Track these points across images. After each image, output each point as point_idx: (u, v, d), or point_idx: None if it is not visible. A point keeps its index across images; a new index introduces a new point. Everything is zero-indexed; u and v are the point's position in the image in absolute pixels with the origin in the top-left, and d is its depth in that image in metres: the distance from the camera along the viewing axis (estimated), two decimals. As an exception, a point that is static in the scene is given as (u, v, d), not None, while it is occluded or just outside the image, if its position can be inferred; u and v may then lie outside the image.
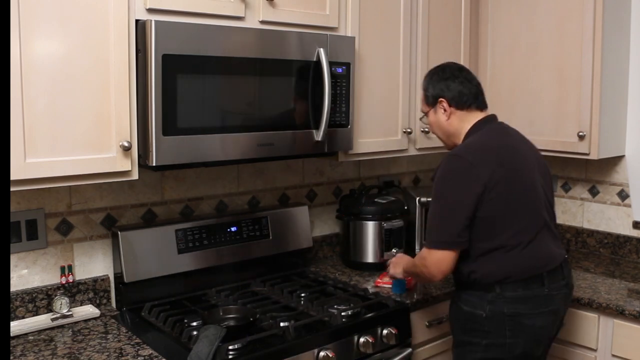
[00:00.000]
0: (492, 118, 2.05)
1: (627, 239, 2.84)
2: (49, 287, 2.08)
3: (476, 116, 2.03)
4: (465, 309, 1.96)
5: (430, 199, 2.78)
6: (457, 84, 2.01)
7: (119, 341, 1.91)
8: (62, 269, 2.11)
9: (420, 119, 2.22)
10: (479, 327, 1.93)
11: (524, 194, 1.93)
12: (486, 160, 1.89)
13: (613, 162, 2.85)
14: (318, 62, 2.16)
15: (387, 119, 2.57)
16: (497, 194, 1.87)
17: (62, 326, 2.02)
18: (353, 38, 2.31)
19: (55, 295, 2.07)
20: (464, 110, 2.02)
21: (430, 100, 2.05)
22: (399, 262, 2.26)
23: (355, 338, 2.05)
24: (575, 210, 3.03)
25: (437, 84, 2.03)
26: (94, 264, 2.19)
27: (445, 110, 2.02)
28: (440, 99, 2.02)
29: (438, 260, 1.90)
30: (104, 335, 1.96)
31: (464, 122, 2.02)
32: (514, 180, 1.92)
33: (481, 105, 2.05)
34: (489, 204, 1.86)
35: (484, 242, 1.90)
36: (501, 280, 1.90)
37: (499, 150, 1.94)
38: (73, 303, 2.11)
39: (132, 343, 1.90)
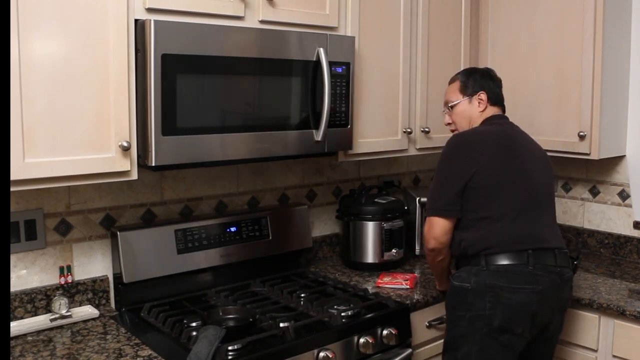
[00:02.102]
0: (504, 116, 2.29)
1: (628, 239, 2.83)
2: (48, 288, 2.08)
3: (493, 111, 2.26)
4: (455, 283, 2.09)
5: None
6: (495, 85, 2.29)
7: (118, 342, 1.91)
8: (61, 269, 2.10)
9: (450, 105, 2.31)
10: (464, 300, 2.04)
11: (516, 174, 2.09)
12: (484, 141, 2.12)
13: (614, 162, 2.85)
14: (318, 62, 2.16)
15: (387, 119, 2.56)
16: (489, 169, 2.06)
17: (61, 327, 2.01)
18: (353, 38, 2.31)
19: (54, 296, 2.07)
20: (494, 106, 2.26)
21: (470, 91, 2.26)
22: None
23: (355, 338, 2.05)
24: (576, 211, 3.03)
25: (479, 80, 2.27)
26: (93, 264, 2.19)
27: (481, 102, 2.24)
28: (481, 92, 2.24)
29: (430, 226, 2.12)
30: (103, 335, 1.95)
31: (487, 115, 2.25)
32: (508, 161, 2.10)
33: (502, 105, 2.31)
34: (480, 176, 2.05)
35: (473, 212, 2.07)
36: (486, 249, 2.04)
37: (499, 135, 2.15)
38: (72, 303, 2.11)
39: (131, 343, 1.89)
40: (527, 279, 2.00)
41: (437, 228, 2.10)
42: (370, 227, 2.63)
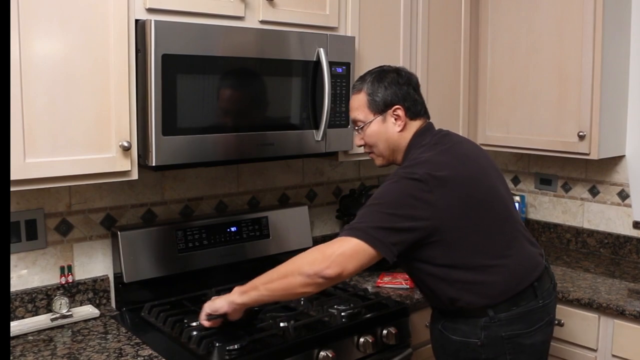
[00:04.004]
0: (431, 126, 1.86)
1: (628, 239, 2.84)
2: (49, 287, 2.08)
3: (416, 126, 1.83)
4: (456, 338, 1.76)
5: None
6: (413, 91, 1.83)
7: (118, 341, 1.91)
8: (62, 269, 2.10)
9: (357, 128, 1.87)
10: (475, 356, 1.75)
11: (491, 207, 1.74)
12: (447, 182, 1.66)
13: (613, 162, 2.85)
14: (318, 62, 2.16)
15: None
16: (461, 214, 1.67)
17: (61, 326, 2.02)
18: (353, 38, 2.31)
19: (55, 296, 2.07)
20: (416, 120, 1.83)
21: (381, 107, 1.80)
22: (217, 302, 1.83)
23: (355, 338, 2.05)
24: (576, 210, 3.03)
25: (390, 88, 1.80)
26: (94, 264, 2.19)
27: (398, 118, 1.80)
28: (396, 107, 1.80)
29: (351, 253, 1.61)
30: (103, 335, 1.96)
31: (410, 134, 1.82)
32: (477, 195, 1.72)
33: (426, 114, 1.88)
34: (453, 225, 1.66)
35: (459, 267, 1.70)
36: (491, 303, 1.72)
37: (457, 167, 1.71)
38: (73, 303, 2.11)
39: (131, 343, 1.89)
40: (541, 315, 1.77)
41: (360, 259, 1.59)
42: (370, 227, 2.63)
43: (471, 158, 1.79)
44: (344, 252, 1.60)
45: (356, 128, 1.88)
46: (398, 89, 1.80)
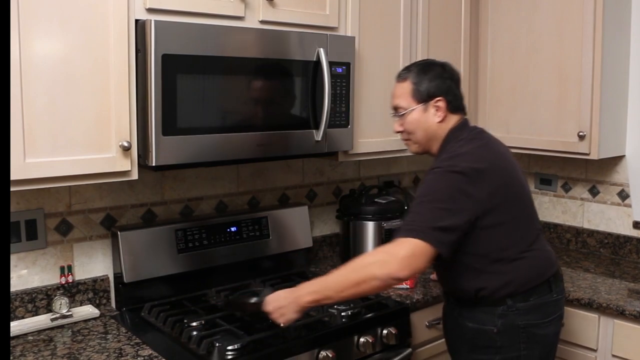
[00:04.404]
0: (467, 122, 1.94)
1: (628, 239, 2.84)
2: (49, 287, 2.08)
3: (454, 121, 1.91)
4: (472, 325, 1.85)
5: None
6: (455, 86, 1.92)
7: (118, 341, 1.91)
8: (62, 269, 2.10)
9: (398, 115, 1.93)
10: (490, 344, 1.82)
11: (522, 201, 1.86)
12: (486, 174, 1.75)
13: (613, 162, 2.85)
14: (318, 62, 2.16)
15: (387, 119, 2.54)
16: (498, 205, 1.76)
17: (61, 326, 2.02)
18: (353, 38, 2.31)
19: (55, 296, 2.07)
20: (454, 114, 1.90)
21: (424, 97, 1.87)
22: (282, 295, 1.82)
23: (355, 338, 2.05)
24: (576, 210, 3.03)
25: (435, 81, 1.88)
26: (94, 264, 2.19)
27: (438, 110, 1.87)
28: (438, 98, 1.87)
29: (414, 254, 1.67)
30: (103, 335, 1.96)
31: (448, 127, 1.89)
32: (511, 188, 1.83)
33: (464, 110, 1.95)
34: (490, 215, 1.75)
35: (488, 255, 1.79)
36: (511, 292, 1.80)
37: (494, 160, 1.81)
38: (73, 303, 2.11)
39: (131, 343, 1.89)
40: (554, 309, 1.88)
41: (425, 259, 1.66)
42: (370, 227, 2.63)
43: (505, 155, 1.89)
44: (412, 253, 1.65)
45: (397, 114, 1.94)
46: (442, 82, 1.88)
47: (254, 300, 2.03)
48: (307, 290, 1.77)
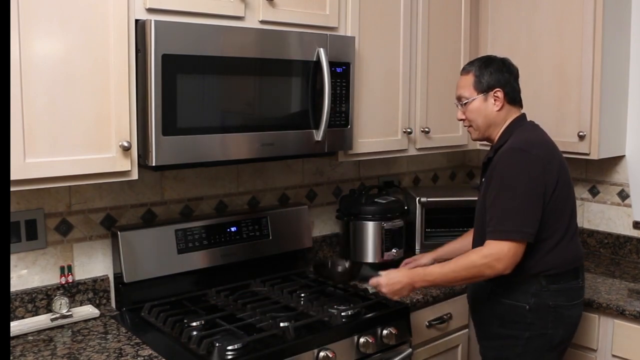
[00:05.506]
0: (525, 116, 2.15)
1: (628, 239, 2.84)
2: (49, 287, 2.08)
3: (515, 113, 2.12)
4: (506, 301, 2.01)
5: (429, 199, 2.81)
6: (513, 80, 2.11)
7: (118, 341, 1.91)
8: (62, 269, 2.10)
9: (461, 104, 2.14)
10: (521, 320, 1.98)
11: (571, 191, 2.05)
12: (550, 156, 1.99)
13: (613, 162, 2.85)
14: (318, 62, 2.16)
15: (387, 119, 2.57)
16: (558, 189, 1.96)
17: (61, 326, 2.02)
18: (353, 38, 2.31)
19: (55, 296, 2.07)
20: (512, 106, 2.10)
21: (484, 87, 2.08)
22: (398, 279, 2.05)
23: (355, 338, 2.05)
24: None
25: (495, 74, 2.08)
26: (94, 264, 2.19)
27: (497, 100, 2.07)
28: (497, 89, 2.07)
29: (512, 253, 1.90)
30: (103, 335, 1.96)
31: (508, 116, 2.10)
32: (565, 177, 2.03)
33: (521, 104, 2.16)
34: (552, 197, 1.95)
35: (542, 238, 1.96)
36: (546, 272, 1.96)
37: (553, 147, 2.06)
38: (73, 303, 2.11)
39: (131, 343, 1.89)
40: (579, 294, 2.04)
41: (522, 252, 1.91)
42: (370, 227, 2.63)
43: (557, 148, 2.09)
44: (514, 253, 1.89)
45: (460, 104, 2.14)
46: (501, 75, 2.08)
47: (340, 269, 2.43)
48: (423, 278, 2.01)
